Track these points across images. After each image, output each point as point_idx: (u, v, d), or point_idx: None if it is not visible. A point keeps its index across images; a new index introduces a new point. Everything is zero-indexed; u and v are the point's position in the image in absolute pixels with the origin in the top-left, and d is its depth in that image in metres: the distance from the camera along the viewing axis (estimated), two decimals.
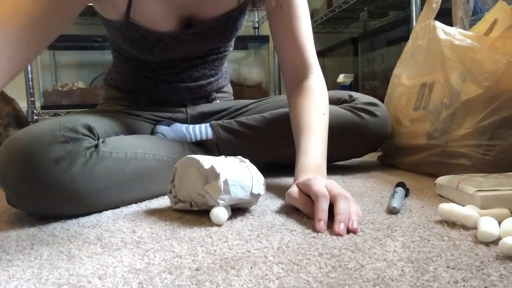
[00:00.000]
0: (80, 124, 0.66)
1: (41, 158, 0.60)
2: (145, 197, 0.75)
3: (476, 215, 0.52)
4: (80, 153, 0.63)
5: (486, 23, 0.90)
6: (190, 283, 0.39)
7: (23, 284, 0.41)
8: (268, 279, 0.39)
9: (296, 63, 0.81)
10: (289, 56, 0.81)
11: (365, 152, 1.03)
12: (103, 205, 0.68)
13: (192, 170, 0.63)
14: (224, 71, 1.07)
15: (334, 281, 0.38)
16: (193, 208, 0.64)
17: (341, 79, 1.91)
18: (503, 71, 0.75)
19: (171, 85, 0.95)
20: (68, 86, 2.01)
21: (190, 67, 0.94)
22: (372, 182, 0.86)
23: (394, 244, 0.48)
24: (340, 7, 1.93)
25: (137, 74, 0.94)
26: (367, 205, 0.67)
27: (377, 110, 0.95)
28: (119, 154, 0.68)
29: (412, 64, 1.03)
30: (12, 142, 0.61)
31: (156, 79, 0.94)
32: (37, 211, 0.64)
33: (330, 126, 0.79)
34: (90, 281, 0.41)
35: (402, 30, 1.59)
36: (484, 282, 0.37)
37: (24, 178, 0.60)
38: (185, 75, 0.95)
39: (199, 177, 0.62)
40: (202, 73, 0.97)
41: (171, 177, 0.67)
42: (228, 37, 0.91)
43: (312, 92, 0.79)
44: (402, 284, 0.38)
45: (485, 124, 0.78)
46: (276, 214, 0.63)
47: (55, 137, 0.62)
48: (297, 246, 0.48)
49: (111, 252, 0.48)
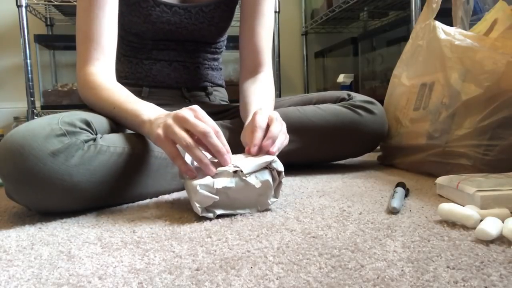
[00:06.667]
0: (78, 119, 0.67)
1: (38, 151, 0.60)
2: (143, 193, 0.75)
3: (476, 215, 0.52)
4: (77, 146, 0.63)
5: (486, 23, 0.90)
6: (190, 283, 0.39)
7: (23, 284, 0.41)
8: (268, 279, 0.39)
9: (253, 61, 0.95)
10: (248, 55, 0.95)
11: (363, 151, 1.04)
12: (101, 200, 0.68)
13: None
14: (219, 73, 1.13)
15: (334, 281, 0.38)
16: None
17: (341, 79, 1.91)
18: (503, 71, 0.75)
19: (168, 63, 1.02)
20: (68, 86, 2.00)
21: (184, 51, 1.03)
22: (372, 182, 0.86)
23: (394, 244, 0.48)
24: (340, 7, 1.93)
25: (136, 57, 1.01)
26: (367, 205, 0.67)
27: (374, 108, 0.97)
28: (117, 148, 0.68)
29: (412, 64, 1.03)
30: (11, 135, 0.62)
31: (155, 58, 1.01)
32: (35, 204, 0.64)
33: (328, 124, 0.82)
34: (90, 281, 0.41)
35: (402, 30, 1.59)
36: (484, 282, 0.37)
37: (21, 170, 0.60)
38: (181, 57, 1.03)
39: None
40: (197, 55, 1.06)
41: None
42: (216, 25, 1.01)
43: (263, 83, 0.92)
44: (402, 284, 0.38)
45: (485, 124, 0.78)
46: (276, 214, 0.63)
47: (53, 130, 0.63)
48: (297, 246, 0.48)
49: (111, 252, 0.48)
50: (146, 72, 1.00)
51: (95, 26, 0.81)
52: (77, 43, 0.83)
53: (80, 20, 0.82)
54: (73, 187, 0.63)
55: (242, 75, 0.96)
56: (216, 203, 0.62)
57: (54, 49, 2.15)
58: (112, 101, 0.75)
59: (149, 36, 0.97)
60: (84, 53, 0.81)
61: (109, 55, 0.82)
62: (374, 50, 1.86)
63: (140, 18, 0.94)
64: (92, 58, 0.81)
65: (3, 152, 0.61)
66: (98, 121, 0.73)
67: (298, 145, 0.93)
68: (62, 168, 0.61)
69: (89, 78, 0.80)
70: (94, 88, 0.79)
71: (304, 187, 0.83)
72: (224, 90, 1.16)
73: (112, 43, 0.83)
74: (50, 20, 2.18)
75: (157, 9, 0.93)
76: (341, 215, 0.61)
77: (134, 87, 1.00)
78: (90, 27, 0.81)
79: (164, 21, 0.95)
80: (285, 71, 2.38)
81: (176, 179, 0.79)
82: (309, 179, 0.92)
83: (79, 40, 0.82)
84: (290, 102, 1.07)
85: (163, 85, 1.02)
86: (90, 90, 0.79)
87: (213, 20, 0.99)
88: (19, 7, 1.76)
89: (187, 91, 1.05)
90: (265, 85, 0.92)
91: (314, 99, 1.05)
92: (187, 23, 0.97)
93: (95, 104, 0.79)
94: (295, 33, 2.42)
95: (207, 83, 1.08)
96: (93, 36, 0.81)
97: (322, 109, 0.97)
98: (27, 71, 1.82)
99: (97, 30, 0.81)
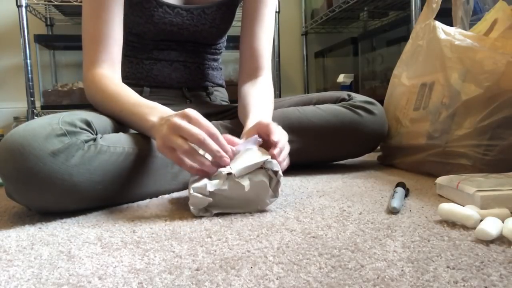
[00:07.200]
0: (78, 119, 0.67)
1: (39, 151, 0.60)
2: (144, 193, 0.75)
3: (476, 215, 0.52)
4: (77, 146, 0.63)
5: (486, 23, 0.90)
6: (190, 283, 0.39)
7: (23, 284, 0.41)
8: (268, 279, 0.39)
9: (253, 65, 0.95)
10: (248, 58, 0.96)
11: (363, 151, 1.04)
12: (101, 200, 0.68)
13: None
14: (219, 73, 1.13)
15: (334, 281, 0.38)
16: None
17: (341, 79, 1.90)
18: (503, 71, 0.75)
19: (169, 63, 1.02)
20: (68, 86, 2.00)
21: (185, 51, 1.03)
22: (372, 182, 0.86)
23: (394, 244, 0.48)
24: (340, 7, 1.93)
25: (137, 57, 1.00)
26: (367, 205, 0.67)
27: (374, 109, 0.97)
28: (117, 148, 0.68)
29: (412, 64, 1.03)
30: (11, 135, 0.62)
31: (155, 58, 1.01)
32: (35, 204, 0.64)
33: (328, 124, 0.82)
34: (90, 281, 0.41)
35: (402, 30, 1.59)
36: (484, 282, 0.37)
37: (21, 170, 0.60)
38: (181, 57, 1.03)
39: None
40: (198, 55, 1.06)
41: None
42: (217, 27, 1.00)
43: (263, 86, 0.93)
44: (402, 284, 0.37)
45: (485, 124, 0.78)
46: (276, 214, 0.63)
47: (53, 130, 0.63)
48: (297, 246, 0.48)
49: (111, 252, 0.48)
50: (147, 72, 1.00)
51: (101, 28, 0.81)
52: (83, 45, 0.83)
53: (86, 22, 0.82)
54: (73, 187, 0.63)
55: (241, 77, 0.96)
56: (214, 204, 0.62)
57: (54, 49, 2.15)
58: (119, 104, 0.76)
59: (150, 36, 0.97)
60: (90, 55, 0.82)
61: (115, 57, 0.83)
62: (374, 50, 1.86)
63: (143, 18, 0.94)
64: (99, 60, 0.81)
65: (3, 152, 0.61)
66: (98, 121, 0.73)
67: (298, 145, 0.93)
68: (62, 168, 0.61)
69: (96, 80, 0.80)
70: (101, 91, 0.79)
71: (304, 187, 0.83)
72: (224, 90, 1.16)
73: (118, 45, 0.84)
74: (50, 20, 2.18)
75: (160, 10, 0.94)
76: (341, 215, 0.61)
77: (135, 87, 0.99)
78: (97, 29, 0.81)
79: (166, 22, 0.95)
80: (285, 71, 2.37)
81: (176, 179, 0.79)
82: (309, 179, 0.92)
83: (85, 42, 0.83)
84: (290, 102, 1.07)
85: (164, 85, 1.02)
86: (97, 92, 0.80)
87: (215, 21, 0.99)
88: (19, 7, 1.76)
89: (188, 91, 1.05)
90: (265, 89, 0.92)
91: (314, 100, 1.05)
92: (188, 24, 0.97)
93: (102, 106, 0.80)
94: (295, 33, 2.42)
95: (208, 83, 1.08)
96: (100, 38, 0.81)
97: (322, 109, 0.97)
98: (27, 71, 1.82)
99: (104, 32, 0.81)
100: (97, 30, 0.81)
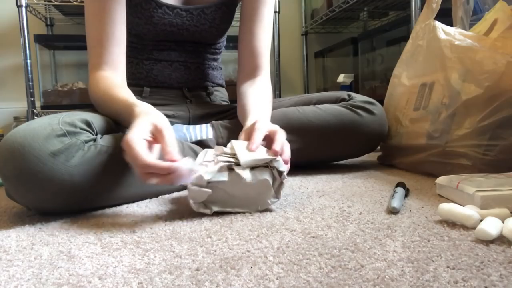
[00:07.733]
0: (78, 119, 0.67)
1: (39, 151, 0.60)
2: (144, 193, 0.75)
3: (476, 215, 0.52)
4: (78, 146, 0.63)
5: (486, 23, 0.90)
6: (190, 283, 0.39)
7: (23, 284, 0.41)
8: (268, 279, 0.39)
9: (252, 64, 0.95)
10: (247, 57, 0.96)
11: (363, 151, 1.04)
12: (101, 200, 0.68)
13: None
14: (219, 72, 1.13)
15: (334, 281, 0.38)
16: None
17: (341, 79, 1.90)
18: (503, 71, 0.75)
19: (169, 63, 1.02)
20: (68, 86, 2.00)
21: (184, 51, 1.03)
22: (372, 182, 0.86)
23: (394, 244, 0.48)
24: (340, 7, 1.93)
25: (137, 58, 1.00)
26: (367, 205, 0.67)
27: (374, 109, 0.97)
28: (117, 149, 0.68)
29: (412, 64, 1.03)
30: (11, 135, 0.62)
31: (155, 59, 1.01)
32: (35, 204, 0.64)
33: (328, 124, 0.81)
34: (90, 281, 0.41)
35: (402, 30, 1.59)
36: (484, 282, 0.37)
37: (21, 170, 0.60)
38: (181, 58, 1.03)
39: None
40: (198, 55, 1.05)
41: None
42: (217, 27, 1.01)
43: (262, 85, 0.93)
44: (402, 284, 0.38)
45: (485, 124, 0.78)
46: (276, 214, 0.63)
47: (53, 130, 0.63)
48: (297, 246, 0.48)
49: (111, 252, 0.48)
50: (147, 73, 1.00)
51: (105, 31, 0.81)
52: (88, 48, 0.84)
53: (89, 25, 0.83)
54: (73, 187, 0.63)
55: (240, 77, 0.96)
56: (215, 199, 0.62)
57: (54, 49, 2.15)
58: (118, 109, 0.75)
59: (150, 37, 0.97)
60: (95, 58, 0.82)
61: (118, 58, 0.83)
62: (374, 50, 1.86)
63: (142, 19, 0.94)
64: (101, 62, 0.82)
65: (3, 152, 0.61)
66: (98, 121, 0.73)
67: (298, 145, 0.93)
68: (62, 168, 0.61)
69: (97, 82, 0.80)
70: (101, 93, 0.79)
71: (304, 187, 0.83)
72: (224, 90, 1.16)
73: (121, 46, 0.84)
74: (50, 20, 2.18)
75: (159, 11, 0.94)
76: (341, 215, 0.61)
77: (135, 87, 1.00)
78: (100, 32, 0.81)
79: (166, 23, 0.95)
80: (285, 71, 2.37)
81: None
82: (309, 179, 0.92)
83: (90, 45, 0.83)
84: (290, 102, 1.07)
85: (164, 86, 1.02)
86: (97, 94, 0.80)
87: (214, 21, 1.00)
88: (19, 7, 1.76)
89: (188, 91, 1.05)
90: (264, 88, 0.92)
91: (314, 100, 1.05)
92: (188, 25, 0.98)
93: (101, 108, 0.80)
94: (295, 33, 2.42)
95: (208, 83, 1.08)
96: (102, 41, 0.82)
97: (322, 109, 0.97)
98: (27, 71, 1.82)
99: (107, 35, 0.82)
100: (99, 33, 0.82)
